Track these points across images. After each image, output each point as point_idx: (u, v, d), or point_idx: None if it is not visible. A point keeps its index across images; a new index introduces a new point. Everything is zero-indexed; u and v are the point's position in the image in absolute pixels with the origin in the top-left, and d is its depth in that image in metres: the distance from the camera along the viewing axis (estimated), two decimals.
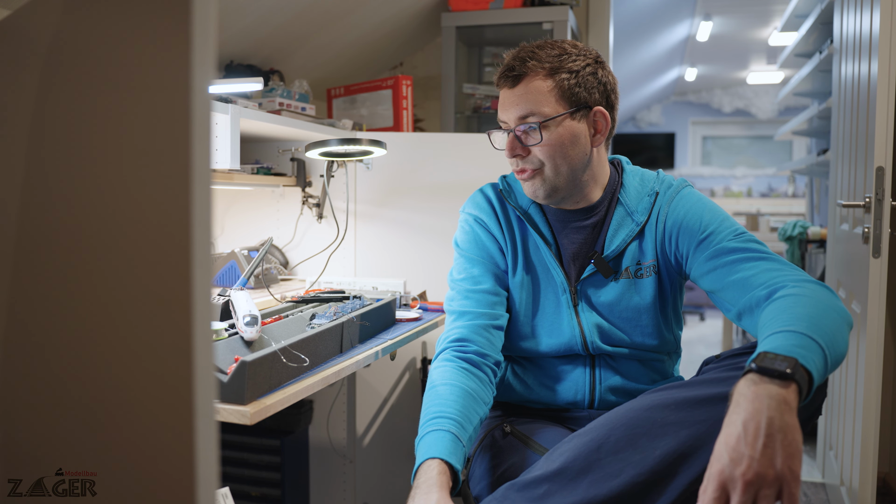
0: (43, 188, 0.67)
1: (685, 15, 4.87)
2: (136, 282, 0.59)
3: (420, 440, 1.06)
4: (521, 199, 1.29)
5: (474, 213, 1.31)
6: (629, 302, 1.23)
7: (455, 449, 1.04)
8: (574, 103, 1.18)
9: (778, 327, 0.91)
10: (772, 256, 1.10)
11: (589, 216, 1.26)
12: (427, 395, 1.14)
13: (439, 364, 1.19)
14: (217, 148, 1.50)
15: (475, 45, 2.84)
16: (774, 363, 0.83)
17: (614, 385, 1.24)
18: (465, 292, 1.26)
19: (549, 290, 1.26)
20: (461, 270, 1.29)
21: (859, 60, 1.97)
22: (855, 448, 1.88)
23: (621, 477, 0.93)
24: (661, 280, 1.24)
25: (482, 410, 1.15)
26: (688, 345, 4.65)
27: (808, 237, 3.33)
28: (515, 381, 1.30)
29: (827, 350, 0.88)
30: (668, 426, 0.94)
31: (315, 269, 1.96)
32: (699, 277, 1.17)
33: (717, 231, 1.15)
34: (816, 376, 0.85)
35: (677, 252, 1.21)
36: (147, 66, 0.58)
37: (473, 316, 1.23)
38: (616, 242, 1.23)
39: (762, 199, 7.37)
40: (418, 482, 1.00)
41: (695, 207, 1.20)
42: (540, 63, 1.17)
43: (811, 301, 0.96)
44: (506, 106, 1.20)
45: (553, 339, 1.25)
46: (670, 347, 1.28)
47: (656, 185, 1.26)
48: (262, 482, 1.96)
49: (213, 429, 0.56)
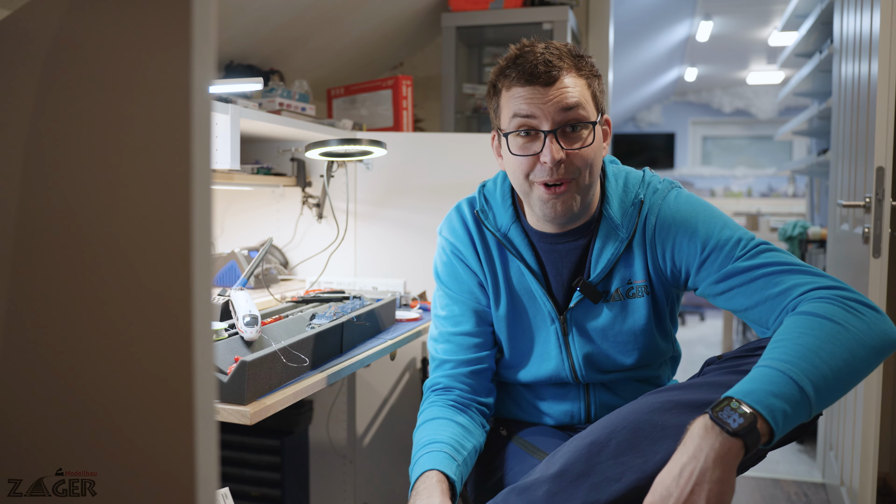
0: (43, 188, 0.67)
1: (685, 15, 4.87)
2: (136, 282, 0.59)
3: (414, 464, 1.06)
4: (501, 220, 1.18)
5: (451, 241, 1.22)
6: (622, 325, 1.15)
7: (450, 464, 1.03)
8: (599, 109, 1.11)
9: (768, 360, 0.88)
10: (788, 265, 1.01)
11: (577, 238, 1.16)
12: (416, 432, 1.13)
13: (426, 407, 1.17)
14: (217, 148, 1.50)
15: (475, 45, 2.83)
16: (730, 417, 0.83)
17: (610, 403, 1.20)
18: (446, 335, 1.21)
19: (536, 319, 1.18)
20: (442, 307, 1.23)
21: (859, 60, 1.97)
22: (855, 448, 1.88)
23: (622, 481, 0.92)
24: (655, 298, 1.15)
25: (475, 441, 1.13)
26: (688, 345, 4.65)
27: (808, 237, 3.33)
28: (510, 402, 1.27)
29: (813, 391, 0.85)
30: (668, 429, 0.93)
31: (315, 269, 1.96)
32: (711, 297, 1.08)
33: (720, 246, 1.06)
34: (780, 429, 0.83)
35: (674, 269, 1.12)
36: (147, 66, 0.58)
37: (455, 364, 1.19)
38: (602, 264, 1.13)
39: (762, 199, 7.37)
40: (417, 490, 1.00)
41: (687, 218, 1.10)
42: (574, 63, 1.08)
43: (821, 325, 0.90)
44: (541, 103, 1.05)
45: (542, 370, 1.19)
46: (666, 355, 1.23)
47: (641, 192, 1.14)
48: (262, 482, 1.96)
49: (213, 429, 0.56)
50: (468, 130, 2.78)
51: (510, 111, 1.08)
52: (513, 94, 1.08)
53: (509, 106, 1.09)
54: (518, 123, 1.07)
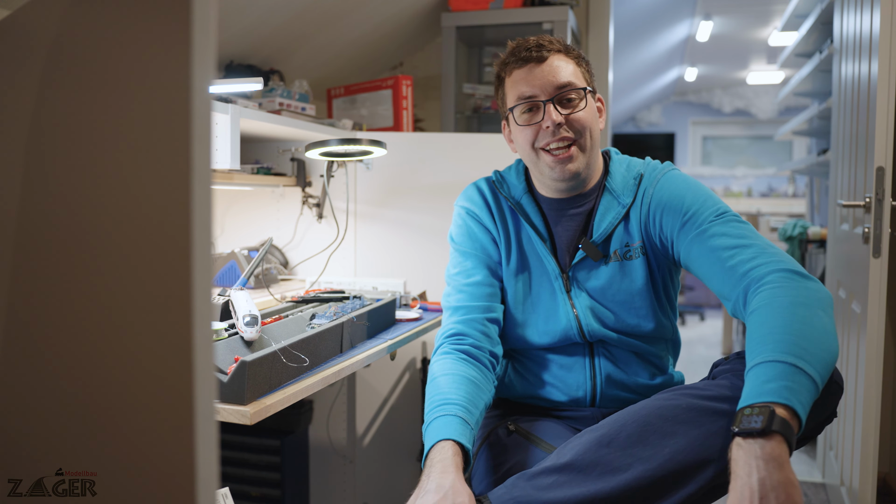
0: (43, 188, 0.67)
1: (685, 15, 4.87)
2: (136, 282, 0.59)
3: (428, 426, 1.08)
4: (514, 190, 1.31)
5: (467, 206, 1.34)
6: (620, 284, 1.24)
7: (465, 431, 1.05)
8: (589, 83, 1.26)
9: (754, 359, 0.92)
10: (748, 241, 1.10)
11: (582, 203, 1.28)
12: (429, 386, 1.16)
13: (438, 358, 1.21)
14: (217, 148, 1.50)
15: (475, 45, 2.83)
16: (751, 421, 0.84)
17: (614, 378, 1.25)
18: (459, 287, 1.28)
19: (542, 279, 1.28)
20: (455, 264, 1.32)
21: (859, 60, 1.97)
22: (855, 448, 1.88)
23: (630, 472, 0.94)
24: (649, 262, 1.25)
25: (486, 397, 1.17)
26: (688, 345, 4.64)
27: (808, 237, 3.32)
28: (516, 378, 1.31)
29: (808, 365, 0.88)
30: (679, 425, 0.95)
31: (315, 269, 1.96)
32: (687, 263, 1.18)
33: (699, 212, 1.17)
34: (801, 406, 0.85)
35: (661, 234, 1.22)
36: (147, 66, 0.58)
37: (468, 310, 1.25)
38: (603, 226, 1.25)
39: (762, 199, 7.37)
40: (432, 461, 1.01)
41: (678, 188, 1.21)
42: (558, 45, 1.25)
43: (783, 307, 0.96)
44: (537, 78, 1.22)
45: (549, 327, 1.26)
46: (667, 333, 1.28)
47: (642, 169, 1.28)
48: (262, 482, 1.96)
49: (213, 429, 0.56)
50: (468, 130, 2.78)
51: (514, 93, 1.25)
52: (514, 77, 1.25)
53: (512, 88, 1.25)
54: (518, 96, 1.24)
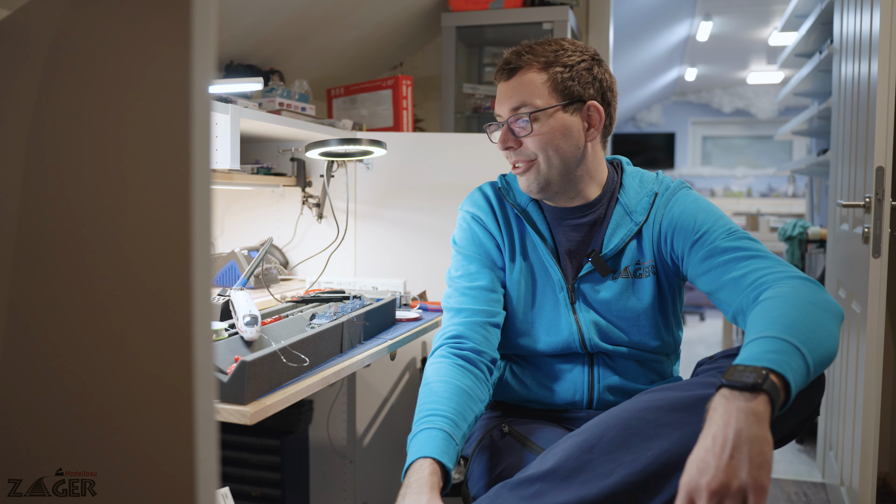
0: (43, 188, 0.67)
1: (685, 15, 4.87)
2: (136, 282, 0.59)
3: (412, 438, 1.06)
4: (520, 197, 1.30)
5: (472, 211, 1.31)
6: (627, 302, 1.23)
7: (447, 447, 1.04)
8: (567, 96, 1.19)
9: (755, 335, 0.92)
10: (763, 254, 1.10)
11: (586, 214, 1.26)
12: (422, 391, 1.14)
13: (435, 360, 1.19)
14: (217, 148, 1.50)
15: (475, 45, 2.83)
16: (743, 376, 0.83)
17: (613, 385, 1.24)
18: (462, 289, 1.27)
19: (546, 287, 1.27)
20: (458, 268, 1.30)
21: (859, 60, 1.97)
22: (855, 448, 1.88)
23: (613, 477, 0.93)
24: (659, 281, 1.24)
25: (477, 408, 1.15)
26: (688, 345, 4.65)
27: (808, 237, 3.33)
28: (514, 381, 1.30)
29: (805, 349, 0.88)
30: (661, 427, 0.94)
31: (315, 269, 1.96)
32: (696, 278, 1.17)
33: (711, 230, 1.16)
34: (793, 380, 0.85)
35: (673, 253, 1.21)
36: (147, 66, 0.58)
37: (470, 313, 1.23)
38: (615, 241, 1.23)
39: (762, 199, 7.37)
40: (409, 481, 1.00)
41: (690, 208, 1.21)
42: (535, 57, 1.20)
43: (792, 300, 0.96)
44: (501, 99, 1.22)
45: (551, 337, 1.25)
46: (669, 349, 1.28)
47: (655, 187, 1.26)
48: (262, 482, 1.96)
49: (213, 429, 0.56)
50: (468, 130, 2.78)
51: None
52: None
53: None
54: (494, 115, 1.26)
